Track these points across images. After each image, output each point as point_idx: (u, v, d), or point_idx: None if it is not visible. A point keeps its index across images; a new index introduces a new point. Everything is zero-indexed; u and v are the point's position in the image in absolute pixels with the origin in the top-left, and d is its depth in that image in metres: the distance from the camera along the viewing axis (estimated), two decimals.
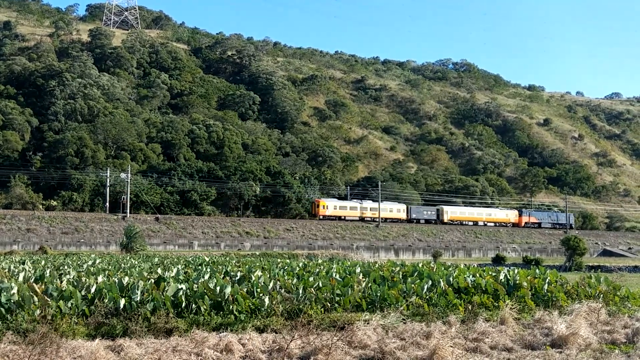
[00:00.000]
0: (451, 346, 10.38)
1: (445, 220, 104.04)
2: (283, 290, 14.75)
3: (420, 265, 22.69)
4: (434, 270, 19.97)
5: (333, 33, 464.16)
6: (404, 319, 13.01)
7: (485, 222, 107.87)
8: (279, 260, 34.10)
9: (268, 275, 17.44)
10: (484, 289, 15.81)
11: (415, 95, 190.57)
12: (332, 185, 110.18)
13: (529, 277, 16.92)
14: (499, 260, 62.52)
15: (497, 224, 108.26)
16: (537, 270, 18.87)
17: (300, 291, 14.15)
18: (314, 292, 14.18)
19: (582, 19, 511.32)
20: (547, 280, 16.69)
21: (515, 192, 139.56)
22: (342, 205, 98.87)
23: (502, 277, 17.33)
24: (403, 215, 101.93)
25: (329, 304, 13.81)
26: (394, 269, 21.27)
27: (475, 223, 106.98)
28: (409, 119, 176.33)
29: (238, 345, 10.72)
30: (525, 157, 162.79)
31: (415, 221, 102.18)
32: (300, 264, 26.35)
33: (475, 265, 28.77)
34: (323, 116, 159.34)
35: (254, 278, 16.34)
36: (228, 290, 13.36)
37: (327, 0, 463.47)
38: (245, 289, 14.12)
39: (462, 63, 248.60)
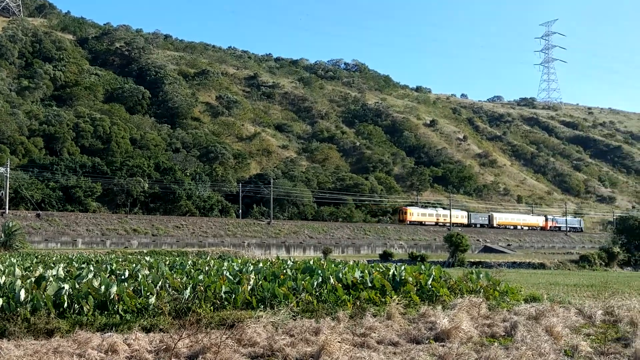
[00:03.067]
0: (339, 342, 10.49)
1: (495, 225, 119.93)
2: (171, 288, 14.46)
3: (310, 261, 22.82)
4: (324, 266, 20.15)
5: (226, 28, 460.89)
6: (294, 316, 13.04)
7: (522, 227, 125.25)
8: (167, 258, 33.39)
9: (156, 274, 17.03)
10: (371, 284, 16.08)
11: (307, 94, 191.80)
12: (224, 182, 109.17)
13: (414, 273, 17.31)
14: (386, 257, 64.25)
15: (530, 228, 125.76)
16: (422, 266, 19.33)
17: (189, 290, 13.91)
18: (204, 291, 13.98)
19: (468, 24, 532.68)
20: (431, 276, 17.14)
21: (403, 190, 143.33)
22: (423, 212, 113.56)
23: (389, 273, 17.69)
24: (465, 221, 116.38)
25: (218, 302, 13.65)
26: (284, 265, 21.30)
27: (515, 227, 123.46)
28: (301, 117, 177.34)
29: (123, 346, 10.41)
30: (412, 156, 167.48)
31: (473, 225, 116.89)
32: (190, 262, 25.91)
33: (364, 262, 29.31)
34: (215, 112, 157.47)
35: (140, 276, 15.92)
36: (113, 289, 12.93)
37: None
38: (132, 288, 13.72)
39: (353, 63, 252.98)
